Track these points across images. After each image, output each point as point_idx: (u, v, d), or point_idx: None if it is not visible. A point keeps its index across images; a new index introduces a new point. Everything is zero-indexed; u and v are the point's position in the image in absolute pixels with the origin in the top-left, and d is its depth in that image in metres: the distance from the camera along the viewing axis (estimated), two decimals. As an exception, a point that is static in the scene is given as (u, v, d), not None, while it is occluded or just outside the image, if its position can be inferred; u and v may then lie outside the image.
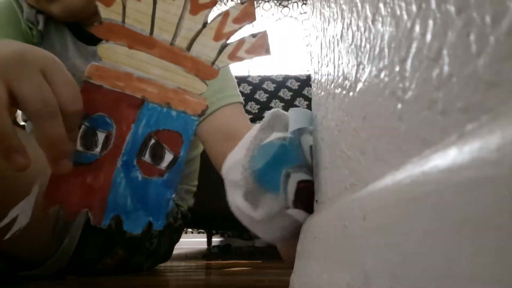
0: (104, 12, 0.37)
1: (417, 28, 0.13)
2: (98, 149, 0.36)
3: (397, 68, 0.14)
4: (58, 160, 0.34)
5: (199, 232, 2.14)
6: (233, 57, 0.37)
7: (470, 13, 0.10)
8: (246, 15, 0.37)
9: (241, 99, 0.69)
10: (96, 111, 0.37)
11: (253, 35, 0.37)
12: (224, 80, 0.68)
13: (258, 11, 2.51)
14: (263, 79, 1.85)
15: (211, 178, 0.93)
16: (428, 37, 0.12)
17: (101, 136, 0.37)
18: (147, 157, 0.37)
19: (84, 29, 0.63)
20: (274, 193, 0.31)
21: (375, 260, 0.14)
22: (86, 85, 0.36)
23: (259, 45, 0.37)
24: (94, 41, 0.40)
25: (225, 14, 0.37)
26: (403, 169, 0.13)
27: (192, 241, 2.08)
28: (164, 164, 0.37)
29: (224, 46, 0.37)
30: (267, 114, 0.35)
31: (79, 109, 0.34)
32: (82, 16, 0.59)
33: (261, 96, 1.79)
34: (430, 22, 0.12)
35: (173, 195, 0.38)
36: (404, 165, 0.13)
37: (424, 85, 0.12)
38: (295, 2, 2.51)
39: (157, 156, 0.37)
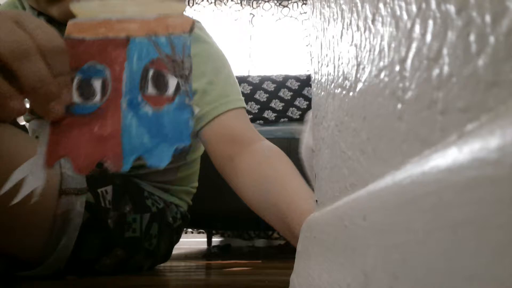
0: None
1: (417, 28, 0.13)
2: (97, 97, 0.36)
3: (397, 68, 0.14)
4: (46, 104, 0.32)
5: (199, 232, 2.14)
6: None
7: (470, 13, 0.10)
8: None
9: (244, 104, 0.70)
10: (85, 62, 0.36)
11: None
12: (228, 84, 0.69)
13: (258, 11, 2.51)
14: (263, 79, 1.85)
15: (211, 179, 0.93)
16: (428, 37, 0.12)
17: (97, 84, 0.36)
18: (151, 90, 0.36)
19: None
20: None
21: (375, 260, 0.14)
22: (68, 41, 0.36)
23: None
24: None
25: None
26: (403, 169, 0.13)
27: (192, 241, 2.08)
28: (170, 91, 0.36)
29: None
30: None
31: (60, 45, 0.33)
32: None
33: (261, 96, 1.79)
34: (430, 22, 0.12)
35: (193, 111, 0.36)
36: (404, 165, 0.13)
37: (424, 85, 0.12)
38: (295, 2, 2.51)
39: (161, 85, 0.36)
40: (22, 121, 0.76)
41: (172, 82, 0.36)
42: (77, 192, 0.59)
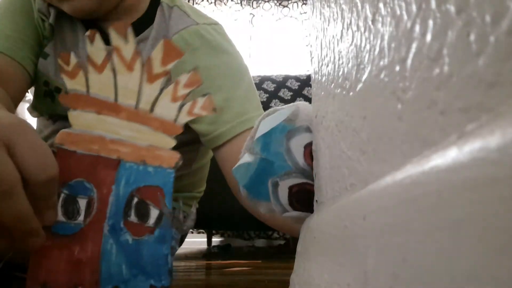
0: (69, 84, 0.39)
1: (417, 28, 0.13)
2: (81, 217, 0.35)
3: (397, 68, 0.14)
4: (26, 239, 0.31)
5: (199, 232, 2.14)
6: (191, 113, 0.42)
7: (470, 13, 0.10)
8: (193, 82, 0.41)
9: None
10: (73, 177, 0.36)
11: (203, 94, 0.41)
12: (246, 99, 0.64)
13: (258, 11, 2.51)
14: (263, 79, 1.85)
15: (211, 179, 0.93)
16: (428, 37, 0.12)
17: (82, 203, 0.36)
18: (133, 217, 0.37)
19: (99, 27, 0.59)
20: (267, 201, 0.32)
21: (375, 260, 0.14)
22: (59, 151, 0.36)
23: (207, 104, 0.41)
24: (107, 40, 0.40)
25: (176, 82, 0.41)
26: (403, 169, 0.13)
27: (192, 241, 2.08)
28: (151, 221, 0.37)
29: (182, 106, 0.41)
30: (256, 121, 0.35)
31: (51, 175, 0.31)
32: (96, 15, 0.57)
33: (261, 96, 1.79)
34: (430, 22, 0.12)
35: (171, 247, 0.37)
36: (404, 165, 0.13)
37: (424, 85, 0.12)
38: (295, 2, 2.51)
39: (143, 214, 0.37)
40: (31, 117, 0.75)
41: (154, 214, 0.37)
42: None
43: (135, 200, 0.37)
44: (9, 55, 0.56)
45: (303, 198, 0.31)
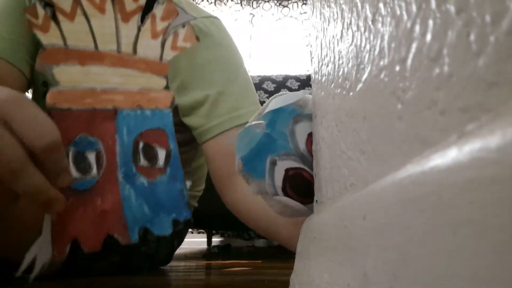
0: (44, 39, 0.37)
1: (417, 28, 0.13)
2: (94, 171, 0.35)
3: (397, 68, 0.14)
4: (48, 207, 0.32)
5: (199, 232, 2.14)
6: (175, 47, 0.39)
7: (470, 13, 0.10)
8: (169, 13, 0.39)
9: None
10: (76, 134, 0.36)
11: (182, 25, 0.40)
12: (241, 95, 0.64)
13: (258, 11, 2.51)
14: (263, 79, 1.85)
15: (211, 179, 0.93)
16: (428, 37, 0.12)
17: (91, 157, 0.36)
18: (143, 162, 0.37)
19: None
20: (260, 179, 0.31)
21: (375, 260, 0.14)
22: (54, 112, 0.35)
23: (189, 34, 0.40)
24: None
25: (152, 16, 0.39)
26: (403, 169, 0.13)
27: (192, 241, 2.08)
28: (161, 162, 0.37)
29: (164, 42, 0.39)
30: (267, 101, 0.35)
31: (53, 140, 0.30)
32: None
33: (261, 96, 1.79)
34: (430, 22, 0.12)
35: (186, 184, 0.38)
36: (404, 165, 0.13)
37: (424, 85, 0.12)
38: (295, 2, 2.51)
39: (151, 156, 0.37)
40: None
41: (161, 154, 0.37)
42: None
43: (141, 145, 0.37)
44: (4, 58, 0.56)
45: (297, 185, 0.31)
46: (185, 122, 0.64)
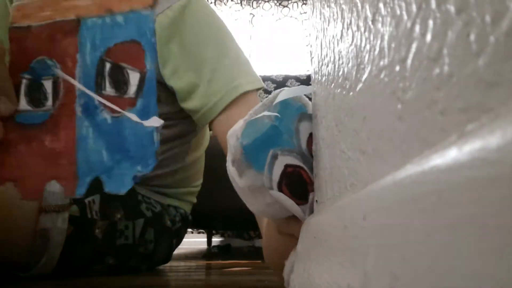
0: None
1: (417, 28, 0.13)
2: (49, 102, 0.29)
3: (397, 68, 0.14)
4: None
5: (199, 232, 2.14)
6: None
7: (470, 13, 0.10)
8: None
9: (256, 84, 0.62)
10: (33, 57, 0.30)
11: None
12: (234, 67, 0.62)
13: (258, 11, 2.51)
14: (263, 79, 1.85)
15: (211, 178, 0.93)
16: (428, 37, 0.12)
17: (47, 85, 0.29)
18: (108, 89, 0.29)
19: None
20: (259, 170, 0.31)
21: (375, 260, 0.14)
22: (13, 32, 0.30)
23: None
24: None
25: None
26: (403, 169, 0.13)
27: (192, 241, 2.08)
28: (132, 90, 0.29)
29: None
30: (275, 91, 0.33)
31: None
32: None
33: (261, 96, 1.79)
34: (430, 22, 0.12)
35: (158, 123, 0.29)
36: (404, 165, 0.13)
37: (424, 85, 0.12)
38: (295, 2, 2.51)
39: (120, 82, 0.29)
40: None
41: (134, 78, 0.29)
42: (58, 209, 0.54)
43: (108, 66, 0.29)
44: None
45: (293, 183, 0.30)
46: (185, 107, 0.63)
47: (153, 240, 0.71)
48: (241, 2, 2.50)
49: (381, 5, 0.16)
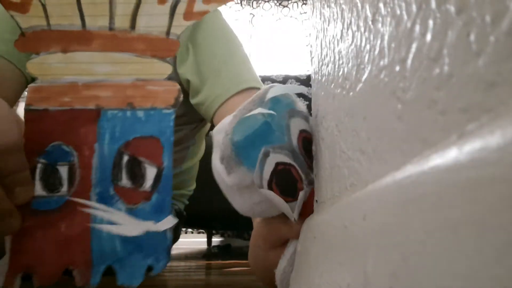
0: (23, 21, 0.30)
1: (417, 28, 0.13)
2: (64, 188, 0.29)
3: (397, 68, 0.14)
4: (1, 221, 0.27)
5: (199, 232, 2.14)
6: (190, 15, 0.30)
7: (470, 13, 0.10)
8: None
9: (261, 85, 0.63)
10: (49, 141, 0.30)
11: None
12: (242, 66, 0.64)
13: (258, 11, 2.51)
14: (263, 79, 1.85)
15: (211, 178, 0.93)
16: (428, 37, 0.12)
17: (63, 171, 0.29)
18: (124, 181, 0.29)
19: None
20: (250, 168, 0.30)
21: (375, 260, 0.14)
22: (29, 114, 0.30)
23: None
24: None
25: None
26: (403, 169, 0.13)
27: (192, 241, 2.08)
28: (147, 184, 0.29)
29: (174, 6, 0.29)
30: (264, 87, 0.33)
31: (6, 144, 0.26)
32: None
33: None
34: (430, 22, 0.12)
35: (171, 224, 0.30)
36: (404, 165, 0.13)
37: (424, 85, 0.12)
38: (295, 2, 2.51)
39: (137, 175, 0.29)
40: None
41: (150, 173, 0.29)
42: None
43: (125, 158, 0.29)
44: (6, 58, 0.56)
45: (283, 182, 0.30)
46: (194, 102, 0.64)
47: None
48: (241, 2, 2.50)
49: (381, 5, 0.16)
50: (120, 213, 0.29)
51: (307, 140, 0.31)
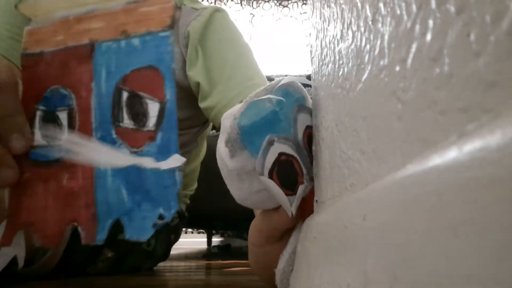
0: None
1: (417, 28, 0.13)
2: (65, 136, 0.27)
3: (397, 68, 0.14)
4: None
5: (199, 232, 2.14)
6: None
7: (470, 13, 0.10)
8: None
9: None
10: (47, 86, 0.28)
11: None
12: (251, 69, 0.65)
13: (258, 11, 2.51)
14: (263, 79, 1.85)
15: (211, 178, 0.93)
16: (428, 37, 0.12)
17: (63, 117, 0.27)
18: (126, 121, 0.27)
19: None
20: (253, 154, 0.30)
21: (375, 260, 0.14)
22: (25, 59, 0.28)
23: None
24: None
25: None
26: (403, 169, 0.13)
27: (192, 241, 2.08)
28: (151, 122, 0.27)
29: None
30: (277, 79, 0.33)
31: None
32: None
33: (261, 96, 1.78)
34: (430, 22, 0.12)
35: (180, 161, 0.27)
36: (404, 165, 0.13)
37: (424, 85, 0.12)
38: (295, 2, 2.51)
39: (138, 113, 0.27)
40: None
41: (153, 109, 0.27)
42: None
43: (124, 95, 0.27)
44: (4, 56, 0.56)
45: (284, 173, 0.30)
46: (203, 106, 0.65)
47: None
48: (241, 2, 2.50)
49: (381, 5, 0.16)
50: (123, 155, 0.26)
51: (312, 137, 0.32)
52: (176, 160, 0.26)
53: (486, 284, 0.08)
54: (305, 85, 0.37)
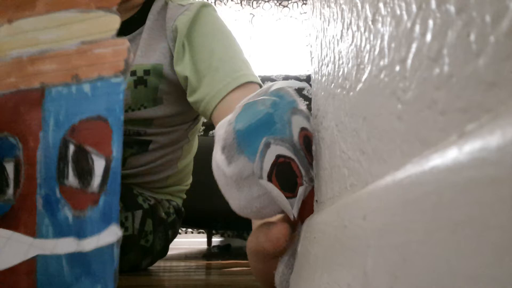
0: None
1: (417, 28, 0.13)
2: (10, 191, 0.25)
3: (397, 68, 0.14)
4: None
5: (199, 232, 2.14)
6: None
7: (470, 13, 0.10)
8: None
9: (258, 79, 0.63)
10: None
11: None
12: (238, 60, 0.64)
13: (258, 11, 2.51)
14: (263, 79, 1.85)
15: (211, 178, 0.93)
16: (428, 37, 0.12)
17: (9, 169, 0.25)
18: (71, 179, 0.25)
19: None
20: (250, 158, 0.29)
21: (375, 260, 0.14)
22: None
23: None
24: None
25: None
26: (403, 169, 0.13)
27: (192, 241, 2.08)
28: (95, 182, 0.24)
29: None
30: (268, 84, 0.33)
31: None
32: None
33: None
34: (430, 22, 0.12)
35: (118, 234, 0.25)
36: (404, 165, 0.13)
37: (424, 85, 0.12)
38: (295, 2, 2.51)
39: (84, 171, 0.25)
40: None
41: (98, 167, 0.24)
42: None
43: (71, 148, 0.25)
44: None
45: (283, 175, 0.30)
46: (192, 100, 0.64)
47: (152, 231, 0.73)
48: (241, 2, 2.50)
49: (381, 5, 0.16)
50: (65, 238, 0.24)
51: (308, 138, 0.31)
52: (113, 235, 0.24)
53: (486, 284, 0.08)
54: (302, 89, 0.36)
